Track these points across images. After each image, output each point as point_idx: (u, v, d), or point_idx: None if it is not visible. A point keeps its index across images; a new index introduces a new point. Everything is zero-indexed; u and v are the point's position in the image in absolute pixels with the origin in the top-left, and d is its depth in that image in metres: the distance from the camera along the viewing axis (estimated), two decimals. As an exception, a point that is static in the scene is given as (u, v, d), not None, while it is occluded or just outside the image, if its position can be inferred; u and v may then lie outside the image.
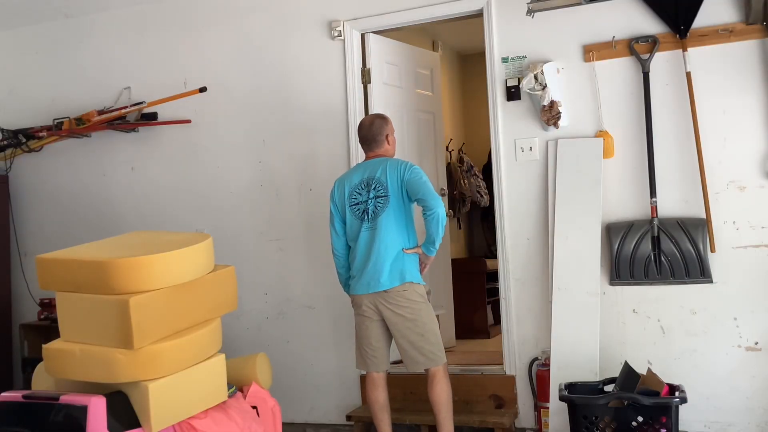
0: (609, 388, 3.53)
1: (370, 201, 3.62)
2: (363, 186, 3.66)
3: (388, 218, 3.57)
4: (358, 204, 3.66)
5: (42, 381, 3.20)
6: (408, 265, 3.59)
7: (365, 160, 3.78)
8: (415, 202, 3.60)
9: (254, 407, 3.37)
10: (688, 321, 3.78)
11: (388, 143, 3.75)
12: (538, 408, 4.01)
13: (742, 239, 3.70)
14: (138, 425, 2.87)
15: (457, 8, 4.24)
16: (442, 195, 5.08)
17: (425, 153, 4.99)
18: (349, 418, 4.26)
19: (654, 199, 3.77)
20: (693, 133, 3.71)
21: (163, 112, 4.90)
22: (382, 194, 3.59)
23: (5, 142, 5.24)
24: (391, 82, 4.70)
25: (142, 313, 2.83)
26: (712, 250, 3.67)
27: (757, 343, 3.68)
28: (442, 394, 3.62)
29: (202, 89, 4.61)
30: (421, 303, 3.62)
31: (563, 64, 4.00)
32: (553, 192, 3.98)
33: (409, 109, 4.88)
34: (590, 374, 3.69)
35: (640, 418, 3.28)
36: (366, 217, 3.62)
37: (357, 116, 4.39)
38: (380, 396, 3.72)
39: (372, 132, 3.73)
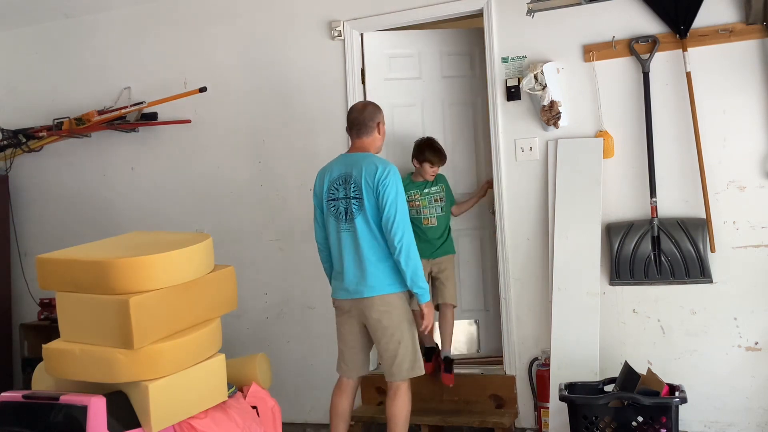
0: (609, 388, 3.53)
1: (346, 200, 3.44)
2: (341, 182, 3.47)
3: (365, 221, 3.40)
4: (335, 200, 3.48)
5: (42, 381, 3.20)
6: (387, 272, 3.43)
7: (349, 150, 3.62)
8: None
9: (254, 407, 3.37)
10: (688, 321, 3.78)
11: (378, 132, 3.56)
12: (538, 408, 4.01)
13: (742, 239, 3.70)
14: (138, 425, 2.86)
15: (457, 8, 4.24)
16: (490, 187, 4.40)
17: (458, 147, 4.59)
18: (349, 418, 4.25)
19: (654, 199, 3.77)
20: (693, 133, 3.72)
21: (163, 112, 4.91)
22: (357, 196, 3.41)
23: (5, 142, 5.25)
24: (401, 75, 4.55)
25: (142, 313, 2.83)
26: (712, 250, 3.68)
27: (757, 343, 3.68)
28: (402, 410, 3.50)
29: (202, 89, 4.61)
30: (401, 309, 3.47)
31: (563, 64, 4.00)
32: (553, 192, 3.98)
33: (434, 100, 4.60)
34: (590, 374, 3.69)
35: (640, 418, 3.28)
36: (343, 217, 3.45)
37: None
38: (343, 403, 3.60)
39: (364, 116, 3.53)
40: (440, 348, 4.25)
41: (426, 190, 4.26)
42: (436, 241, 4.23)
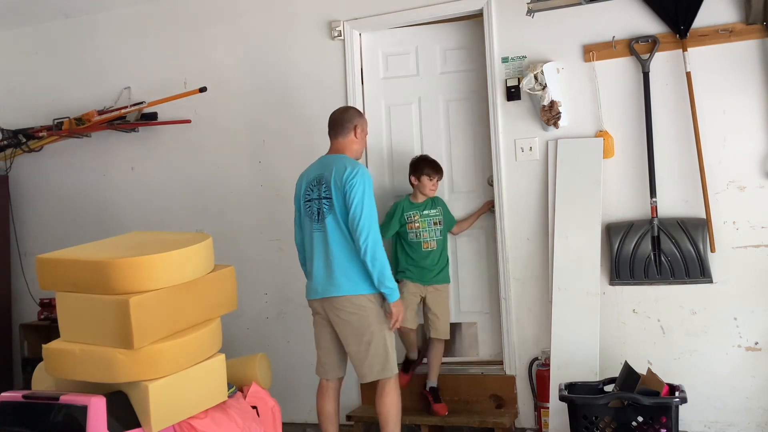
0: (609, 388, 3.53)
1: (319, 201, 3.47)
2: (316, 183, 3.51)
3: (335, 222, 3.42)
4: (310, 201, 3.52)
5: (42, 381, 3.20)
6: (357, 273, 3.40)
7: (327, 152, 3.64)
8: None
9: (254, 407, 3.37)
10: (688, 321, 3.78)
11: (355, 136, 3.58)
12: (538, 408, 4.01)
13: (742, 239, 3.70)
14: (138, 425, 2.86)
15: (457, 8, 4.24)
16: (492, 185, 4.26)
17: (458, 144, 4.42)
18: (349, 418, 4.25)
19: (654, 199, 3.77)
20: (693, 133, 3.72)
21: (163, 112, 4.91)
22: (327, 196, 3.44)
23: (5, 142, 5.25)
24: (399, 73, 4.50)
25: (142, 313, 2.83)
26: (712, 250, 3.68)
27: (757, 343, 3.68)
28: (391, 408, 3.47)
29: (202, 89, 4.60)
30: (371, 310, 3.42)
31: (563, 64, 4.00)
32: (553, 192, 3.99)
33: (429, 97, 4.47)
34: (590, 374, 3.69)
35: (640, 418, 3.28)
36: (316, 218, 3.48)
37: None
38: (327, 405, 3.60)
39: (342, 117, 3.59)
40: (427, 378, 4.17)
41: (425, 212, 4.13)
42: (434, 266, 4.12)
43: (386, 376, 3.48)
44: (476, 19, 4.28)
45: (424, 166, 4.13)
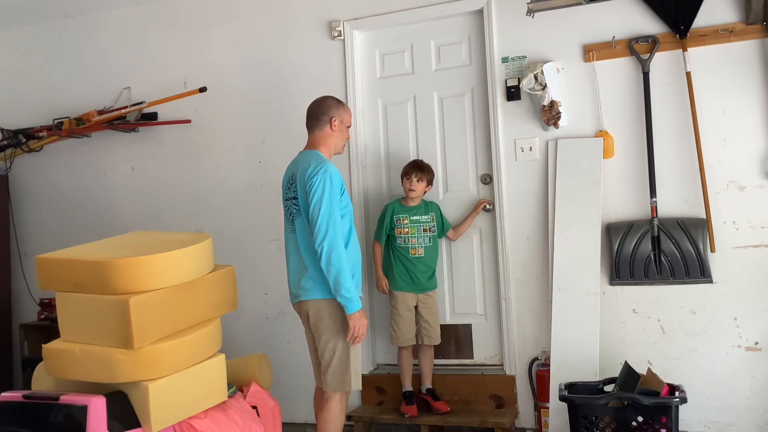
0: (609, 388, 3.53)
1: (291, 201, 3.32)
2: (290, 182, 3.33)
3: (302, 223, 3.24)
4: (287, 201, 3.36)
5: (42, 381, 3.20)
6: (321, 278, 3.20)
7: (304, 147, 3.44)
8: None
9: (254, 407, 3.37)
10: (688, 321, 3.78)
11: (332, 128, 3.34)
12: (538, 408, 4.01)
13: (742, 239, 3.70)
14: (138, 425, 2.87)
15: (457, 8, 4.25)
16: (486, 183, 4.28)
17: (454, 140, 4.36)
18: (349, 418, 4.24)
19: (654, 199, 3.77)
20: (693, 133, 3.72)
21: (163, 112, 4.91)
22: (295, 196, 3.28)
23: (5, 142, 5.25)
24: (395, 72, 4.47)
25: (142, 313, 2.83)
26: (712, 250, 3.68)
27: (757, 343, 3.69)
28: (328, 423, 3.28)
29: (202, 89, 4.61)
30: (336, 317, 3.23)
31: (563, 64, 4.00)
32: (553, 192, 3.99)
33: (425, 95, 4.43)
34: (590, 374, 3.69)
35: (640, 418, 3.28)
36: (290, 219, 3.33)
37: (357, 116, 4.40)
38: (317, 409, 3.47)
39: (317, 108, 3.37)
40: (421, 383, 4.15)
41: (415, 218, 4.06)
42: (422, 275, 4.06)
43: (343, 390, 3.28)
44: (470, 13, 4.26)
45: (407, 167, 4.11)
